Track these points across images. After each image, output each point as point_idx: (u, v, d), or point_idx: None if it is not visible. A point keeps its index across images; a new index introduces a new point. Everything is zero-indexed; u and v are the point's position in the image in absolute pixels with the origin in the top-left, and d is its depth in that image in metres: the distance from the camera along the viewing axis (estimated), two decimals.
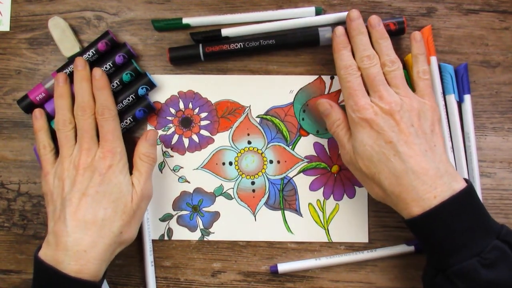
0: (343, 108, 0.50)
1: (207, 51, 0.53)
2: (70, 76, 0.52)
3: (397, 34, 0.53)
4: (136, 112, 0.52)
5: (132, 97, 0.52)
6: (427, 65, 0.50)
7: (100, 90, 0.50)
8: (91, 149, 0.48)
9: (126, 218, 0.47)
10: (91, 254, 0.45)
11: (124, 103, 0.52)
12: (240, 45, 0.53)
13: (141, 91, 0.52)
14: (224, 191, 0.54)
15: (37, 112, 0.52)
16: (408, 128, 0.46)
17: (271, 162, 0.54)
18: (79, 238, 0.46)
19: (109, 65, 0.52)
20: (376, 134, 0.46)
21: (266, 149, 0.54)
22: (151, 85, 0.53)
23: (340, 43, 0.50)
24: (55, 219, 0.47)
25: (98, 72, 0.51)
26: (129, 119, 0.52)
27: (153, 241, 0.54)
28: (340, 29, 0.51)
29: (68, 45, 0.53)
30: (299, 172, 0.54)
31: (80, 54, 0.52)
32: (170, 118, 0.54)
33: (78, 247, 0.45)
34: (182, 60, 0.54)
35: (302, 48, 0.54)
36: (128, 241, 0.49)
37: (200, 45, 0.53)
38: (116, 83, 0.52)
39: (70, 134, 0.50)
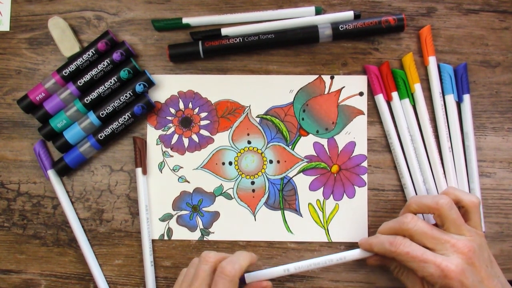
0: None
1: (207, 45, 0.53)
2: (68, 76, 0.52)
3: (396, 30, 0.53)
4: (134, 108, 0.52)
5: (129, 93, 0.52)
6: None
7: None
8: None
9: None
10: None
11: (122, 100, 0.52)
12: (240, 39, 0.53)
13: (138, 88, 0.52)
14: (224, 191, 0.54)
15: None
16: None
17: (271, 162, 0.54)
18: None
19: (106, 62, 0.52)
20: None
21: (266, 149, 0.54)
22: (150, 83, 0.53)
23: None
24: None
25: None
26: (128, 115, 0.52)
27: (153, 241, 0.54)
28: None
29: (68, 45, 0.54)
30: (299, 172, 0.54)
31: (80, 54, 0.52)
32: (170, 118, 0.54)
33: None
34: (181, 57, 0.54)
35: (301, 45, 0.54)
36: None
37: (200, 42, 0.53)
38: (114, 79, 0.52)
39: None
